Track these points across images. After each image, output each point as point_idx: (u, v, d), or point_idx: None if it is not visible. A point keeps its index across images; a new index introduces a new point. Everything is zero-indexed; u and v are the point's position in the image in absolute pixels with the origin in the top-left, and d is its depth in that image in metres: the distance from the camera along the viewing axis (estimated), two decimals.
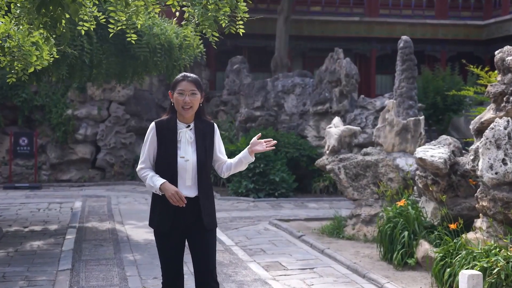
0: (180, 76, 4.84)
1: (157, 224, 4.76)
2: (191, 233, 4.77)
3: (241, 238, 10.17)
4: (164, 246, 4.79)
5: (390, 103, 9.98)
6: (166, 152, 4.70)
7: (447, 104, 17.00)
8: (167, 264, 4.80)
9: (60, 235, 10.14)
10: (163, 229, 4.73)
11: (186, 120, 4.79)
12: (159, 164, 4.76)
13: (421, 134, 9.85)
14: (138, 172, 4.81)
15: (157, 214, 4.75)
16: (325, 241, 9.81)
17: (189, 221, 4.72)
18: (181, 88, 4.72)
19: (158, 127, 4.75)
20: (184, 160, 4.69)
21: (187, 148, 4.72)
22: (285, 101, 17.26)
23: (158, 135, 4.73)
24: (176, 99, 4.74)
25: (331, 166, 10.26)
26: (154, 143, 4.75)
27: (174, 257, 4.80)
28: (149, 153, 4.76)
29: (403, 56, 11.19)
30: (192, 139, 4.76)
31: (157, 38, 9.02)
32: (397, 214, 8.39)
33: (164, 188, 4.57)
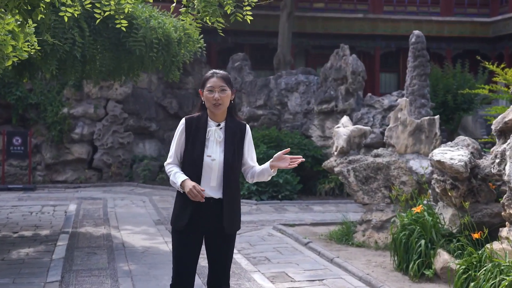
0: (209, 72, 4.72)
1: (175, 220, 4.64)
2: (210, 234, 4.65)
3: (244, 244, 9.56)
4: (179, 244, 4.64)
5: (402, 101, 9.37)
6: (193, 149, 4.61)
7: (457, 103, 16.38)
8: (179, 263, 4.65)
9: (52, 242, 9.53)
10: (179, 226, 4.60)
11: (217, 119, 4.68)
12: (186, 162, 4.66)
13: (436, 135, 9.25)
14: (166, 168, 4.72)
15: (176, 211, 4.66)
16: (334, 248, 9.21)
17: (208, 222, 4.59)
18: (210, 84, 4.61)
19: (187, 123, 4.66)
20: (210, 159, 4.58)
21: (215, 148, 4.62)
22: (288, 100, 16.65)
23: (187, 132, 4.64)
24: (206, 96, 4.62)
25: (340, 168, 9.66)
26: (182, 139, 4.67)
27: (188, 257, 4.63)
28: (177, 150, 4.69)
29: (415, 52, 10.59)
30: (221, 138, 4.65)
31: (154, 31, 8.41)
32: (412, 221, 7.78)
33: (184, 185, 4.46)
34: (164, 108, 19.42)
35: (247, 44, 23.97)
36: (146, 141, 18.93)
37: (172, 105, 19.34)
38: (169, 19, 8.96)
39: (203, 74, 18.99)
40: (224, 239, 4.65)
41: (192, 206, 4.53)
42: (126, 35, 8.28)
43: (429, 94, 11.04)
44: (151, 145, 18.78)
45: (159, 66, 9.10)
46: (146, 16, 8.44)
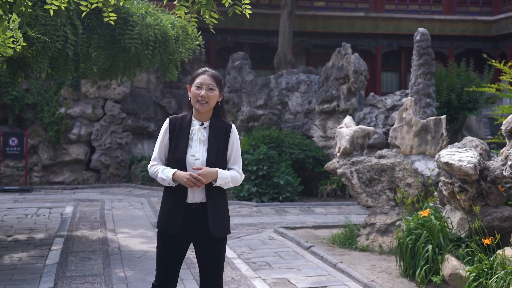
0: (201, 69, 4.65)
1: (165, 226, 4.51)
2: (198, 239, 4.55)
3: (244, 249, 9.27)
4: (165, 249, 4.56)
5: (408, 100, 9.06)
6: (176, 149, 4.53)
7: (462, 102, 16.07)
8: (163, 266, 4.58)
9: (46, 246, 9.23)
10: (170, 233, 4.49)
11: (202, 118, 4.59)
12: (170, 162, 4.56)
13: (442, 135, 8.95)
14: (149, 170, 4.61)
15: (166, 216, 4.53)
16: (337, 252, 8.91)
17: (196, 226, 4.49)
18: (199, 81, 4.54)
19: (171, 123, 4.60)
20: (194, 158, 4.49)
21: (199, 147, 4.53)
22: (289, 99, 16.35)
23: (171, 132, 4.57)
24: (193, 92, 4.55)
25: (343, 170, 9.36)
26: (166, 139, 4.60)
27: (173, 261, 4.58)
28: (161, 151, 4.61)
29: (419, 50, 10.29)
30: (204, 137, 4.55)
31: (151, 28, 8.11)
32: (419, 225, 7.49)
33: (177, 177, 4.38)
34: (163, 108, 19.13)
35: (247, 43, 23.72)
36: (144, 142, 18.62)
37: (171, 105, 19.05)
38: (166, 16, 8.68)
39: None
40: (213, 244, 4.54)
41: (181, 210, 4.46)
42: (121, 32, 8.00)
43: (434, 93, 10.73)
44: (149, 146, 18.47)
45: (156, 65, 8.81)
46: (141, 12, 8.15)
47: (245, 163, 14.06)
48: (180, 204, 4.48)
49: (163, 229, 4.53)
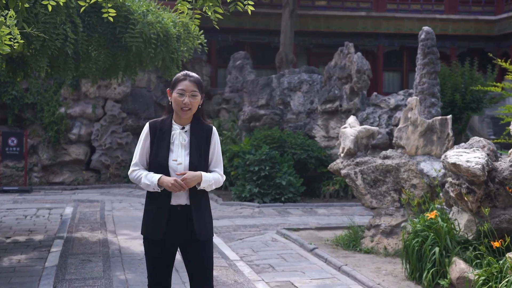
0: (182, 74, 4.57)
1: (149, 231, 4.51)
2: (184, 243, 4.52)
3: (247, 251, 9.12)
4: (154, 255, 4.53)
5: (413, 100, 8.92)
6: (158, 154, 4.48)
7: (466, 102, 15.91)
8: (154, 273, 4.56)
9: (45, 248, 9.09)
10: (155, 238, 4.47)
11: (183, 122, 4.55)
12: (152, 167, 4.51)
13: (448, 135, 8.80)
14: (131, 175, 4.57)
15: (150, 221, 4.50)
16: (341, 255, 8.76)
17: (181, 230, 4.47)
18: (182, 87, 4.47)
19: (151, 128, 4.53)
20: (176, 163, 4.45)
21: (180, 151, 4.49)
22: (291, 99, 16.20)
23: (152, 136, 4.51)
24: (175, 99, 4.48)
25: (347, 170, 9.21)
26: (147, 144, 4.54)
27: (163, 266, 4.55)
28: (142, 156, 4.56)
29: (424, 49, 10.13)
30: (186, 141, 4.52)
31: (152, 27, 7.96)
32: (425, 227, 7.34)
33: (163, 181, 4.33)
34: (164, 108, 18.94)
35: (248, 42, 23.56)
36: None
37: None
38: (168, 14, 8.52)
39: (203, 73, 18.74)
40: (199, 246, 4.51)
41: (165, 214, 4.42)
42: (122, 30, 7.85)
43: (439, 93, 10.58)
44: None
45: (158, 64, 8.65)
46: (143, 10, 8.00)
47: (247, 163, 13.92)
48: (164, 207, 4.44)
49: (147, 234, 4.52)
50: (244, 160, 14.09)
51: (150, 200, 4.54)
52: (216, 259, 8.42)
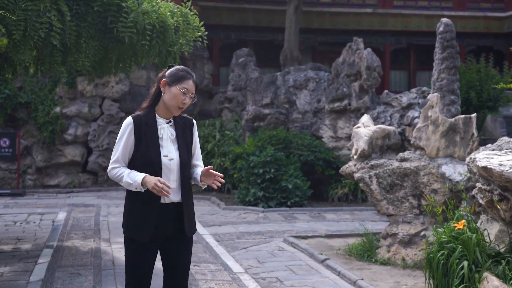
0: (185, 71, 4.35)
1: (136, 232, 4.24)
2: (169, 241, 4.33)
3: (252, 262, 8.36)
4: (139, 257, 4.27)
5: (433, 97, 8.15)
6: (148, 150, 4.25)
7: (482, 100, 15.14)
8: (137, 277, 4.29)
9: (32, 258, 8.34)
10: (143, 239, 4.23)
11: (168, 115, 4.34)
12: (139, 165, 4.25)
13: (473, 136, 8.04)
14: (110, 173, 4.30)
15: (136, 220, 4.26)
16: (355, 266, 8.01)
17: (169, 228, 4.30)
18: (186, 87, 4.28)
19: (136, 122, 4.25)
20: (168, 159, 4.28)
21: (170, 146, 4.33)
22: (297, 98, 15.42)
23: (136, 132, 4.25)
24: (176, 95, 4.26)
25: (361, 174, 8.45)
26: (131, 141, 4.26)
27: (148, 269, 4.31)
28: (124, 153, 4.27)
29: (443, 43, 9.39)
30: (173, 136, 4.37)
31: (147, 16, 7.21)
32: (452, 238, 6.58)
33: (146, 181, 4.10)
34: None
35: (251, 40, 22.88)
36: None
37: None
38: (165, 3, 7.76)
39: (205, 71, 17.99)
40: (184, 243, 4.38)
41: (154, 213, 4.22)
42: (114, 20, 7.10)
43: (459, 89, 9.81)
44: None
45: (154, 57, 7.90)
46: None
47: (251, 165, 13.18)
48: (154, 205, 4.23)
49: (134, 236, 4.26)
50: (248, 162, 13.34)
51: (135, 198, 4.26)
52: (218, 271, 7.72)
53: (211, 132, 16.21)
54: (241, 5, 22.11)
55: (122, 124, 4.29)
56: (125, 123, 4.27)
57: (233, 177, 14.35)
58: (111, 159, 4.29)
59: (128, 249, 4.32)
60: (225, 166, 14.74)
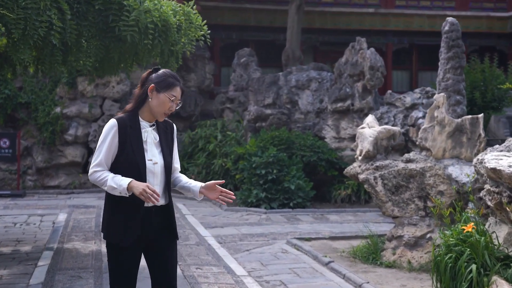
0: (175, 78, 4.28)
1: (120, 238, 4.11)
2: (154, 244, 4.25)
3: (255, 264, 8.24)
4: (124, 264, 4.18)
5: (440, 97, 8.03)
6: (133, 154, 4.14)
7: (486, 101, 14.99)
8: (124, 283, 4.19)
9: (32, 261, 8.22)
10: (126, 244, 4.11)
11: (151, 118, 4.27)
12: (123, 168, 4.12)
13: (480, 136, 7.91)
14: (92, 176, 4.14)
15: (119, 225, 4.12)
16: (360, 269, 7.88)
17: (156, 232, 4.23)
18: (175, 94, 4.25)
19: (120, 125, 4.13)
20: (152, 163, 4.20)
21: (154, 150, 4.25)
22: (299, 98, 15.30)
23: (121, 135, 4.12)
24: (163, 101, 4.20)
25: (365, 175, 8.33)
26: (115, 144, 4.13)
27: (133, 275, 4.23)
28: (108, 156, 4.14)
29: (448, 42, 9.27)
30: (157, 139, 4.29)
31: (149, 15, 7.08)
32: (459, 241, 6.45)
33: (133, 186, 3.99)
34: None
35: (252, 40, 22.73)
36: None
37: None
38: (167, 2, 7.64)
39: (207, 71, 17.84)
40: (173, 244, 4.33)
41: (138, 217, 4.12)
42: (115, 19, 6.96)
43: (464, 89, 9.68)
44: None
45: (156, 57, 7.77)
46: None
47: (253, 166, 13.05)
48: (137, 209, 4.12)
49: (118, 241, 4.13)
50: (250, 163, 13.21)
51: (117, 202, 4.12)
52: (221, 274, 7.59)
53: (212, 132, 16.07)
54: (243, 5, 21.98)
55: (105, 126, 4.17)
56: (108, 126, 4.15)
57: (235, 178, 14.23)
58: (92, 162, 4.16)
59: (111, 255, 4.21)
60: (227, 167, 14.61)
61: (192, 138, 16.48)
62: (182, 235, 10.11)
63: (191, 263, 8.16)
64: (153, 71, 4.30)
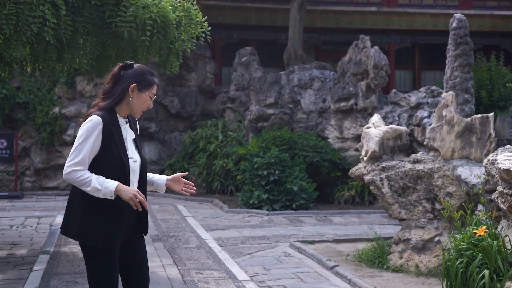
0: (153, 75, 4.20)
1: (106, 240, 3.97)
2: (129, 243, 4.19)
3: (257, 268, 7.98)
4: (114, 266, 4.04)
5: (449, 95, 7.76)
6: (118, 153, 4.02)
7: (493, 100, 14.71)
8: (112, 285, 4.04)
9: (27, 265, 7.97)
10: (112, 245, 4.00)
11: (125, 115, 4.16)
12: (106, 168, 3.98)
13: (490, 136, 7.64)
14: (70, 175, 3.91)
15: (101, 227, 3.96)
16: (366, 273, 7.62)
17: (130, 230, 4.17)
18: (154, 91, 4.20)
19: (104, 123, 3.98)
20: (133, 161, 4.14)
21: (132, 147, 4.19)
22: (301, 97, 15.03)
23: (104, 134, 3.98)
24: (145, 100, 4.15)
25: (371, 176, 8.06)
26: (98, 143, 3.98)
27: (117, 277, 4.11)
28: (90, 155, 3.96)
29: (456, 39, 9.02)
30: (133, 136, 4.23)
31: (147, 10, 6.82)
32: (471, 246, 6.19)
33: (121, 190, 3.90)
34: (165, 107, 17.84)
35: (253, 39, 22.44)
36: (145, 143, 17.30)
37: (174, 104, 17.77)
38: None
39: (207, 71, 17.59)
40: (143, 242, 4.30)
41: (120, 217, 4.02)
42: (112, 14, 6.71)
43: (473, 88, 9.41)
44: (150, 148, 17.19)
45: (155, 55, 7.52)
46: None
47: (254, 167, 12.79)
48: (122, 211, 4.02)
49: (107, 244, 3.98)
50: (252, 164, 12.95)
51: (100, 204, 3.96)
52: (222, 279, 7.34)
53: (213, 132, 15.83)
54: (244, 4, 21.72)
55: (88, 123, 3.97)
56: (93, 123, 3.96)
57: (236, 179, 13.98)
58: (70, 159, 3.93)
59: (98, 259, 4.02)
60: (228, 168, 14.36)
61: (192, 138, 16.24)
62: (182, 238, 9.86)
63: (191, 268, 7.91)
64: (127, 66, 4.15)
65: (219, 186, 14.83)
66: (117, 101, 4.07)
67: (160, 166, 16.72)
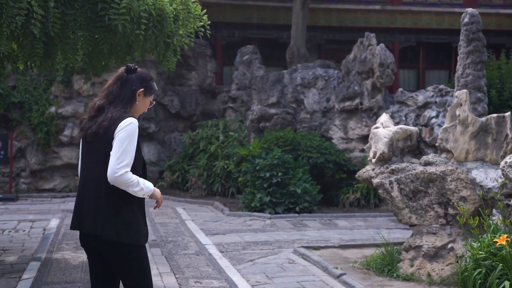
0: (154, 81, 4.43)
1: (145, 236, 4.21)
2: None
3: (259, 277, 7.54)
4: (146, 258, 4.27)
5: (462, 94, 7.32)
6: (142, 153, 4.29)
7: (503, 99, 14.26)
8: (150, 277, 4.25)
9: (16, 273, 7.55)
10: (147, 240, 4.27)
11: None
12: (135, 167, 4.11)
13: (507, 137, 7.20)
14: (124, 176, 3.95)
15: (142, 226, 4.18)
16: (375, 283, 7.18)
17: None
18: (155, 93, 4.44)
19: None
20: None
21: None
22: (305, 96, 14.60)
23: (138, 135, 4.18)
24: (147, 104, 4.39)
25: (380, 179, 7.63)
26: (136, 143, 4.15)
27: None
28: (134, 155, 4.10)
29: (468, 35, 8.57)
30: None
31: (143, 2, 6.39)
32: (489, 255, 5.77)
33: (155, 189, 4.21)
34: (165, 107, 17.41)
35: (255, 38, 22.06)
36: (144, 144, 16.87)
37: (173, 104, 17.33)
38: None
39: (208, 69, 17.18)
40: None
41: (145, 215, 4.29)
42: (105, 6, 6.28)
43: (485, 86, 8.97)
44: (150, 148, 16.76)
45: (151, 50, 7.08)
46: None
47: (256, 168, 12.36)
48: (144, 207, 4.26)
49: (144, 241, 4.21)
50: (254, 165, 12.52)
51: (132, 203, 4.12)
52: None
53: (214, 133, 15.40)
54: (245, 2, 21.33)
55: (131, 126, 4.07)
56: (135, 126, 4.10)
57: (237, 180, 13.55)
58: (122, 161, 3.97)
59: (141, 255, 4.20)
60: (229, 169, 13.94)
61: (193, 138, 15.82)
62: (180, 243, 9.44)
63: (190, 276, 7.48)
64: (131, 70, 4.33)
65: (220, 188, 14.40)
66: (128, 104, 4.23)
67: (159, 167, 16.31)
